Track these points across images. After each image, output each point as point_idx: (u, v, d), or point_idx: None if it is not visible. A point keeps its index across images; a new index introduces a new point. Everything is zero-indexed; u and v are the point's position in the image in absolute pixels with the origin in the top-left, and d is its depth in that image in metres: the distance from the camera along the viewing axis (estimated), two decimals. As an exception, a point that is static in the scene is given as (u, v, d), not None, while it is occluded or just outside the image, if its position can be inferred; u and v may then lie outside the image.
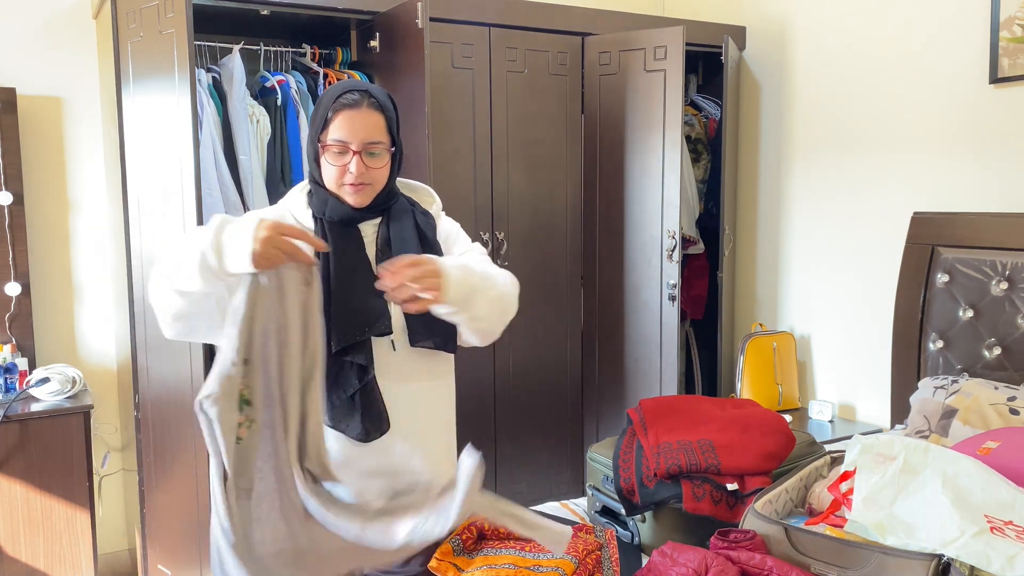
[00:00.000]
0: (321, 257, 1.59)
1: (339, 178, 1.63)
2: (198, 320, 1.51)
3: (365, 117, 1.62)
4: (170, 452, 2.72)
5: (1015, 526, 1.62)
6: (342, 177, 1.63)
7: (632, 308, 3.41)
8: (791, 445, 2.11)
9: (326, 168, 1.64)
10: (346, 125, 1.61)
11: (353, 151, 1.61)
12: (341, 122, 1.61)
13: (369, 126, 1.62)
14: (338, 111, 1.62)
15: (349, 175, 1.62)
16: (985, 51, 2.83)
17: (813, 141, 3.47)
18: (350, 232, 1.68)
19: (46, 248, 3.10)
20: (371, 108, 1.63)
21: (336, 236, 1.65)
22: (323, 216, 1.66)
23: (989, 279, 2.71)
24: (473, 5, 3.16)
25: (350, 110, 1.62)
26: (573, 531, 1.96)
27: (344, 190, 1.64)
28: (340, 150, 1.62)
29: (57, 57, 3.08)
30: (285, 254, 1.41)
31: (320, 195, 1.67)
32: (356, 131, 1.61)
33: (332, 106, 1.62)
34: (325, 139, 1.63)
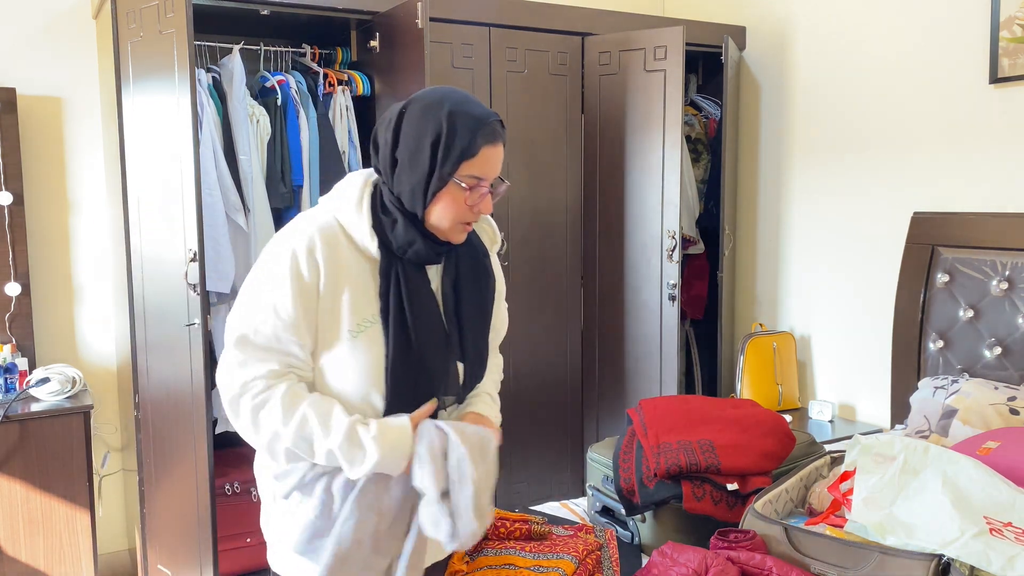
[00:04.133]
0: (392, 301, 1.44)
1: (462, 216, 1.45)
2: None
3: (501, 152, 1.45)
4: (170, 452, 2.72)
5: (1015, 527, 1.62)
6: (466, 215, 1.45)
7: (632, 308, 3.41)
8: (791, 445, 2.11)
9: (451, 207, 1.43)
10: (489, 162, 1.43)
11: (487, 189, 1.45)
12: (484, 158, 1.42)
13: (500, 161, 1.46)
14: (485, 145, 1.41)
15: (471, 214, 1.45)
16: (985, 51, 2.83)
17: (813, 141, 3.47)
18: (421, 276, 1.49)
19: (46, 248, 3.10)
20: (503, 140, 1.46)
21: (410, 281, 1.46)
22: (402, 255, 1.46)
23: (989, 279, 2.71)
24: (473, 5, 3.16)
25: (493, 145, 1.43)
26: (573, 531, 1.96)
27: (455, 229, 1.46)
28: (472, 186, 1.43)
29: (57, 57, 3.08)
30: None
31: (409, 231, 1.44)
32: (494, 168, 1.44)
33: (479, 138, 1.40)
34: (462, 173, 1.41)
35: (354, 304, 1.43)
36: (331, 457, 1.40)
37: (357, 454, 1.39)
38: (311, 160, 3.05)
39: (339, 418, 1.40)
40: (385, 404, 1.45)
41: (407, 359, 1.45)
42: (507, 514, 1.95)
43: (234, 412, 1.43)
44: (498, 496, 1.82)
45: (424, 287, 1.48)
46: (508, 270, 3.26)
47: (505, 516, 1.94)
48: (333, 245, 1.43)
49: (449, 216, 1.44)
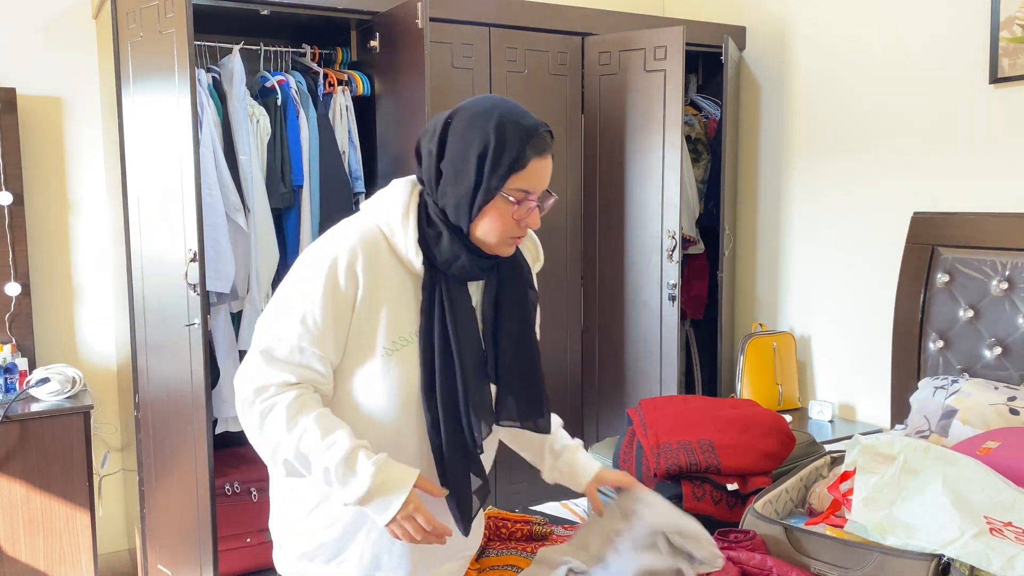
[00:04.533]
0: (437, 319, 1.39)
1: (510, 230, 1.39)
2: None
3: (550, 164, 1.39)
4: (170, 452, 2.72)
5: (1015, 527, 1.62)
6: (514, 229, 1.39)
7: (632, 308, 3.41)
8: (791, 445, 2.11)
9: (498, 220, 1.37)
10: (538, 174, 1.37)
11: (535, 202, 1.39)
12: (534, 171, 1.36)
13: (549, 173, 1.40)
14: (534, 157, 1.35)
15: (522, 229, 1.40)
16: (985, 51, 2.83)
17: (813, 141, 3.47)
18: (464, 292, 1.43)
19: (46, 248, 3.10)
20: (551, 152, 1.40)
21: (453, 298, 1.41)
22: (446, 270, 1.40)
23: (989, 279, 2.71)
24: (473, 5, 3.16)
25: (543, 158, 1.37)
26: (574, 531, 1.96)
27: (504, 244, 1.41)
28: (521, 200, 1.37)
29: (57, 57, 3.07)
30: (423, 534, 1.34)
31: (454, 246, 1.39)
32: (544, 181, 1.38)
33: (529, 150, 1.35)
34: (511, 187, 1.35)
35: (392, 321, 1.39)
36: (327, 476, 1.34)
37: (351, 479, 1.33)
38: (311, 160, 3.05)
39: (342, 438, 1.34)
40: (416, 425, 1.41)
41: (446, 379, 1.39)
42: (508, 515, 1.95)
43: (244, 418, 1.40)
44: (498, 496, 1.83)
45: (466, 304, 1.42)
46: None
47: (506, 517, 1.94)
48: (375, 257, 1.38)
49: (496, 230, 1.38)
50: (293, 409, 1.35)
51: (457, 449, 1.42)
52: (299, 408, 1.36)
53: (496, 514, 1.95)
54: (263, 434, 1.38)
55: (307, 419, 1.35)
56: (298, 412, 1.35)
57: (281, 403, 1.36)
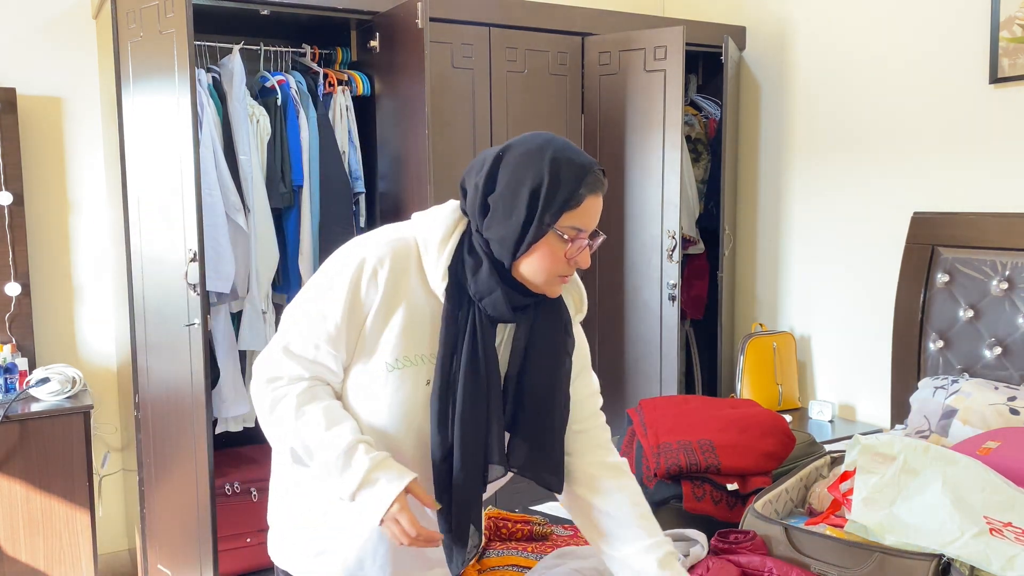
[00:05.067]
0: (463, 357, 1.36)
1: (559, 269, 1.36)
2: None
3: (601, 202, 1.37)
4: (170, 452, 2.72)
5: (1015, 527, 1.62)
6: (563, 268, 1.36)
7: (632, 308, 3.41)
8: (791, 445, 2.11)
9: (549, 258, 1.35)
10: (591, 212, 1.35)
11: (587, 241, 1.36)
12: (587, 208, 1.34)
13: (600, 211, 1.37)
14: (588, 195, 1.33)
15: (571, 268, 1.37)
16: (985, 51, 2.83)
17: (813, 141, 3.47)
18: (491, 333, 1.40)
19: (46, 248, 3.10)
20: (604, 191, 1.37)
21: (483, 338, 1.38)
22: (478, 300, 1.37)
23: (989, 279, 2.71)
24: (473, 5, 3.16)
25: (596, 196, 1.35)
26: (574, 531, 1.96)
27: (553, 281, 1.38)
28: (573, 238, 1.34)
29: (57, 57, 3.07)
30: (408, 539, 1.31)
31: (491, 279, 1.36)
32: (595, 219, 1.36)
33: (584, 188, 1.32)
34: (564, 224, 1.33)
35: (402, 337, 1.37)
36: (326, 468, 1.34)
37: (346, 471, 1.32)
38: (311, 160, 3.05)
39: (345, 431, 1.34)
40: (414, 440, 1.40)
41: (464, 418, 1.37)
42: (508, 515, 1.95)
43: (257, 402, 1.41)
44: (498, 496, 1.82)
45: (490, 344, 1.39)
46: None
47: (506, 517, 1.94)
48: (402, 271, 1.37)
49: (545, 269, 1.35)
50: (303, 399, 1.37)
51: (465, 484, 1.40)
52: (309, 398, 1.37)
53: (496, 514, 1.95)
54: (272, 419, 1.39)
55: (314, 409, 1.36)
56: (307, 402, 1.37)
57: (292, 392, 1.37)
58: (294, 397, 1.37)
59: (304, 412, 1.36)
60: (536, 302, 1.42)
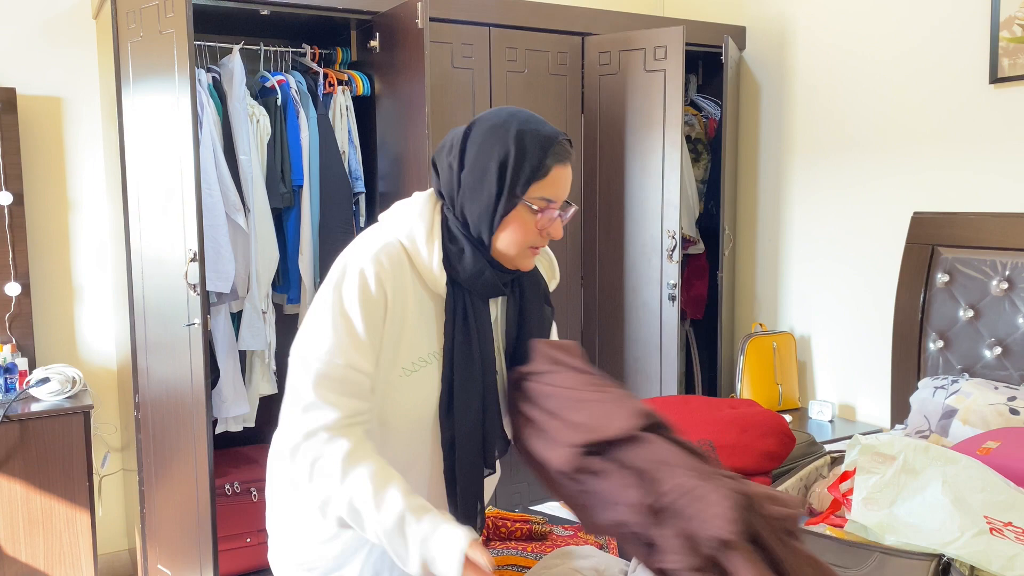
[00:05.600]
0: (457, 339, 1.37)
1: (532, 241, 1.37)
2: None
3: (570, 172, 1.38)
4: (170, 452, 2.72)
5: (1015, 527, 1.62)
6: (536, 239, 1.37)
7: (632, 308, 3.41)
8: (791, 445, 2.11)
9: (520, 230, 1.36)
10: (560, 183, 1.35)
11: (557, 212, 1.37)
12: (555, 179, 1.34)
13: (570, 182, 1.38)
14: (555, 164, 1.34)
15: (543, 239, 1.38)
16: (985, 51, 2.83)
17: (813, 141, 3.47)
18: (486, 311, 1.41)
19: (46, 248, 3.10)
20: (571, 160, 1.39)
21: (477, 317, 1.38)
22: (469, 287, 1.38)
23: (989, 279, 2.71)
24: (473, 5, 3.16)
25: (564, 166, 1.35)
26: (574, 531, 1.96)
27: (523, 255, 1.38)
28: (543, 209, 1.35)
29: (57, 57, 3.08)
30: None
31: (477, 260, 1.36)
32: (565, 189, 1.37)
33: (549, 158, 1.34)
34: (533, 196, 1.34)
35: (413, 340, 1.36)
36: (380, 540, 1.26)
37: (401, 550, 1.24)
38: (311, 160, 3.05)
39: (394, 497, 1.25)
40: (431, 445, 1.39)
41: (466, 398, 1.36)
42: (507, 514, 1.95)
43: (293, 460, 1.32)
44: (498, 496, 1.84)
45: (486, 321, 1.40)
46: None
47: (505, 516, 1.94)
48: (400, 275, 1.34)
49: (518, 241, 1.36)
50: (347, 462, 1.27)
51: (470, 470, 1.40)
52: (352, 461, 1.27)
53: (496, 514, 1.95)
54: (313, 483, 1.30)
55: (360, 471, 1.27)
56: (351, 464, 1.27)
57: (335, 454, 1.27)
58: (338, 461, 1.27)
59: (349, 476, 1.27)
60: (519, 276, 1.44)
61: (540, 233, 1.37)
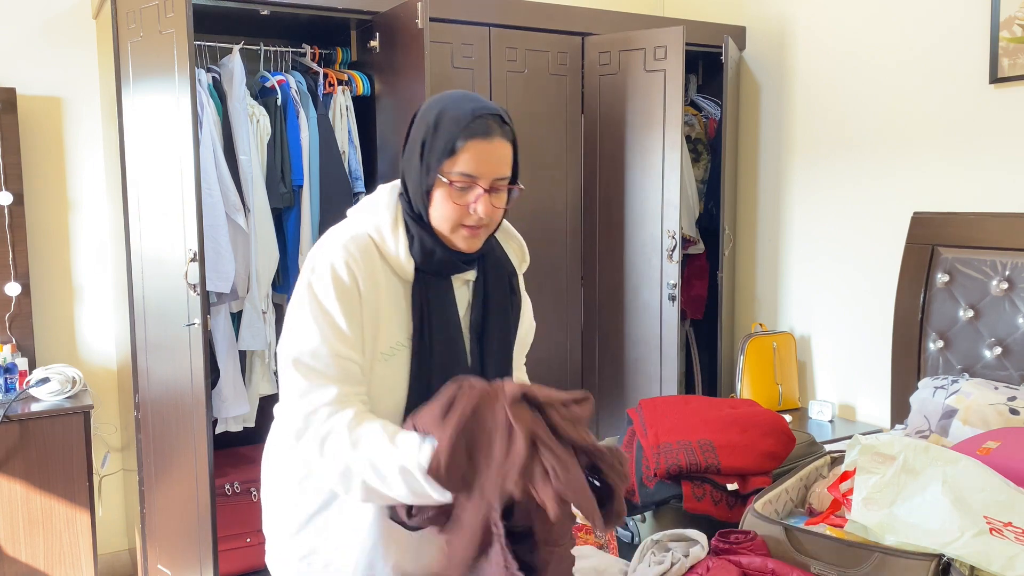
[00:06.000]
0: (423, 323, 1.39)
1: (459, 219, 1.37)
2: None
3: (498, 149, 1.37)
4: (170, 452, 2.72)
5: (1015, 527, 1.62)
6: (463, 218, 1.38)
7: (632, 308, 3.41)
8: (791, 445, 2.11)
9: (444, 206, 1.37)
10: (479, 159, 1.35)
11: (482, 189, 1.36)
12: (473, 154, 1.35)
13: (501, 160, 1.37)
14: (469, 140, 1.35)
15: (472, 217, 1.37)
16: (985, 51, 2.83)
17: (813, 141, 3.47)
18: (447, 287, 1.44)
19: (46, 248, 3.10)
20: (504, 138, 1.38)
21: (436, 295, 1.41)
22: (427, 268, 1.40)
23: (989, 279, 2.71)
24: (473, 5, 3.16)
25: (483, 141, 1.35)
26: (573, 531, 1.96)
27: (459, 233, 1.39)
28: (465, 186, 1.36)
29: (57, 57, 3.07)
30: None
31: (425, 240, 1.39)
32: (488, 166, 1.36)
33: (462, 132, 1.35)
34: (449, 171, 1.35)
35: (388, 327, 1.38)
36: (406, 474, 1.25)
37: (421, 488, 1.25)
38: (311, 160, 3.05)
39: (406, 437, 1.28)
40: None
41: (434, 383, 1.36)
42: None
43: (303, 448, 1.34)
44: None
45: (452, 308, 1.43)
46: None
47: (505, 516, 1.93)
48: (370, 264, 1.38)
49: (445, 217, 1.37)
50: (352, 424, 1.30)
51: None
52: (357, 423, 1.30)
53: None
54: (328, 461, 1.31)
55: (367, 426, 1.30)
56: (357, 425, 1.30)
57: (340, 424, 1.30)
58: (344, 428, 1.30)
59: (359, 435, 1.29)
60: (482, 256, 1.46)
61: (465, 210, 1.37)
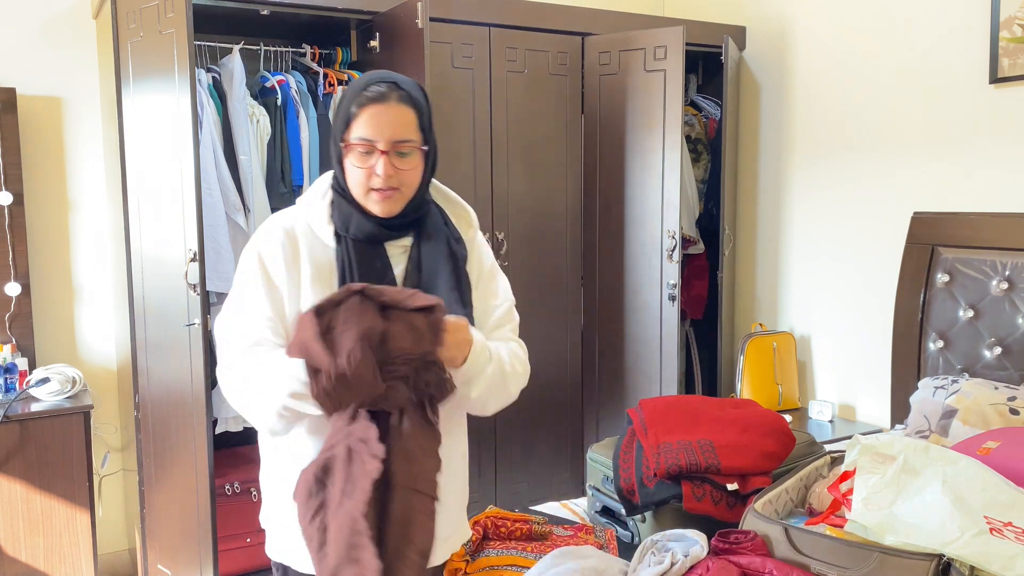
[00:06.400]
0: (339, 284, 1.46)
1: (365, 182, 1.46)
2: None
3: (394, 112, 1.45)
4: (170, 452, 2.72)
5: (1015, 527, 1.62)
6: (368, 181, 1.45)
7: (632, 308, 3.41)
8: (791, 445, 2.11)
9: (351, 172, 1.47)
10: (372, 122, 1.44)
11: (380, 151, 1.44)
12: (367, 118, 1.44)
13: (398, 122, 1.45)
14: (363, 106, 1.44)
15: (376, 179, 1.44)
16: (985, 51, 2.83)
17: (813, 141, 3.47)
18: (376, 253, 1.50)
19: (46, 248, 3.10)
20: (400, 102, 1.46)
21: (360, 259, 1.47)
22: (346, 234, 1.48)
23: (989, 279, 2.71)
24: (473, 5, 3.16)
25: (377, 104, 1.44)
26: (574, 531, 1.97)
27: (370, 197, 1.47)
28: (366, 150, 1.45)
29: (57, 57, 3.07)
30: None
31: (343, 208, 1.49)
32: (383, 128, 1.44)
33: (356, 100, 1.45)
34: (349, 138, 1.46)
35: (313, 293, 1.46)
36: (294, 369, 1.36)
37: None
38: (311, 160, 3.05)
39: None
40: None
41: None
42: (507, 514, 1.95)
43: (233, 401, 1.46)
44: (498, 496, 1.84)
45: (383, 271, 1.49)
46: (508, 270, 3.26)
47: (505, 516, 1.94)
48: (294, 241, 1.48)
49: (355, 182, 1.47)
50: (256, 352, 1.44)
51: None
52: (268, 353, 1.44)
53: (496, 513, 1.95)
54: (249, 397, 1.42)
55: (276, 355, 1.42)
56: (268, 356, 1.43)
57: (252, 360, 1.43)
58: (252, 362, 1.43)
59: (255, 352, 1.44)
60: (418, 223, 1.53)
61: (370, 173, 1.45)
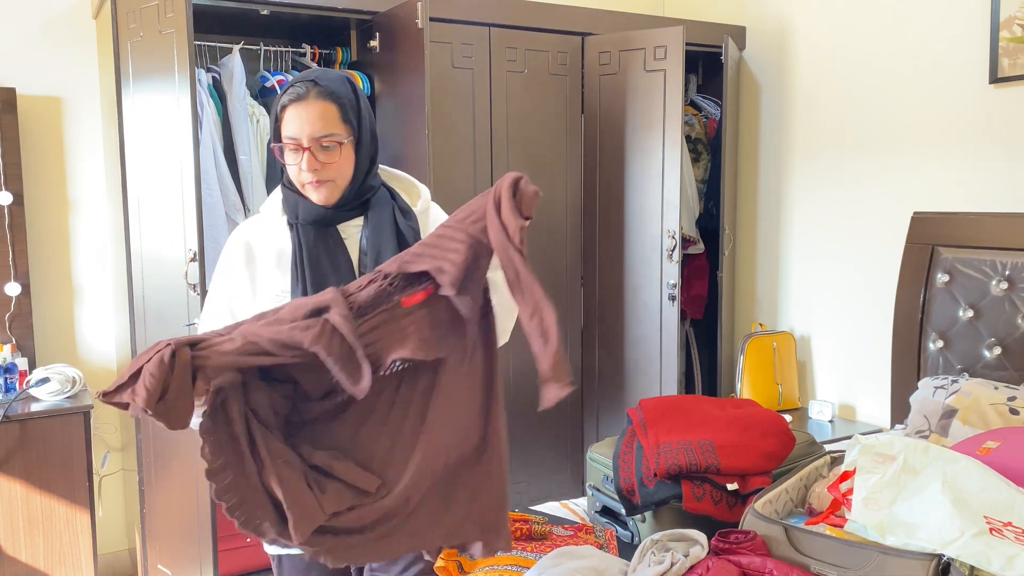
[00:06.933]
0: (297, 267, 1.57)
1: (298, 176, 1.58)
2: None
3: (312, 109, 1.54)
4: (170, 452, 2.72)
5: (1014, 527, 1.62)
6: (300, 175, 1.57)
7: (632, 308, 3.41)
8: (791, 445, 2.11)
9: (288, 168, 1.60)
10: (294, 121, 1.54)
11: (303, 148, 1.54)
12: (289, 118, 1.55)
13: (316, 118, 1.54)
14: (285, 107, 1.55)
15: (304, 173, 1.56)
16: (985, 51, 2.83)
17: (813, 141, 3.47)
18: (328, 235, 1.61)
19: (46, 248, 3.10)
20: (319, 98, 1.54)
21: (311, 242, 1.59)
22: (296, 220, 1.60)
23: (989, 279, 2.71)
24: (473, 5, 3.16)
25: (296, 104, 1.54)
26: (574, 531, 1.97)
27: (307, 189, 1.58)
28: (293, 147, 1.56)
29: (57, 57, 3.08)
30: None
31: (290, 198, 1.62)
32: (303, 126, 1.54)
33: (280, 101, 1.56)
34: (282, 136, 1.57)
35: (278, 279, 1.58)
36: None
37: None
38: (311, 160, 3.05)
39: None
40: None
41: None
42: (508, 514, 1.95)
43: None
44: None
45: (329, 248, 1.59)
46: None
47: (505, 516, 1.93)
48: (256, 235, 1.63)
49: (292, 176, 1.59)
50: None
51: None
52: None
53: (496, 514, 1.94)
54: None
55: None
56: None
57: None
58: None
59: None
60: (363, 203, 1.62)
61: (299, 168, 1.56)
